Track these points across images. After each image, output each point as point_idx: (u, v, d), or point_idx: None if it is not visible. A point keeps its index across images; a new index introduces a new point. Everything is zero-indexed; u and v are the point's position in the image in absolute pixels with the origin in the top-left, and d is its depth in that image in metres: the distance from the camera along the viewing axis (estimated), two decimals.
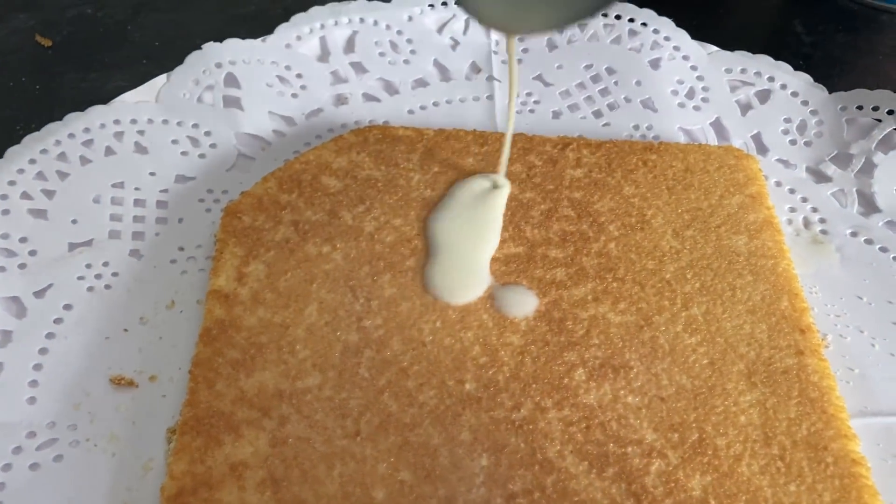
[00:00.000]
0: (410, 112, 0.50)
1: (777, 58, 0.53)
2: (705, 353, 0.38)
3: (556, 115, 0.51)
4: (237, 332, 0.38)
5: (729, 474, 0.34)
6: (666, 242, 0.42)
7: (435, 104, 0.51)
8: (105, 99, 0.48)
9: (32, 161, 0.44)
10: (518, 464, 0.34)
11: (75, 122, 0.46)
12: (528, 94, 0.51)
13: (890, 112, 0.49)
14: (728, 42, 0.54)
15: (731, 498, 0.33)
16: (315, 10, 0.53)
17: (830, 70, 0.57)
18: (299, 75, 0.51)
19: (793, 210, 0.46)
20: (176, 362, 0.38)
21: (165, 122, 0.47)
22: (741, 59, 0.53)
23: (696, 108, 0.51)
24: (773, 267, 0.41)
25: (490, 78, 0.52)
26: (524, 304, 0.39)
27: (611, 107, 0.51)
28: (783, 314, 0.39)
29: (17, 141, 0.45)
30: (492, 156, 0.46)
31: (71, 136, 0.45)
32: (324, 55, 0.52)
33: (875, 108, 0.49)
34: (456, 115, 0.50)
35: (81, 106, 0.47)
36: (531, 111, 0.51)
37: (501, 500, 0.33)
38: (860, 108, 0.50)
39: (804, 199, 0.47)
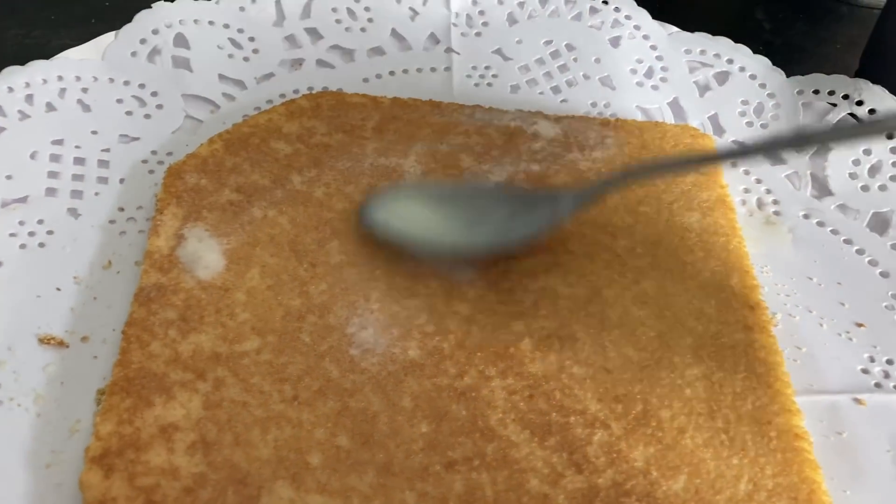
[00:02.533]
0: (366, 80, 0.49)
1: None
2: (653, 327, 0.37)
3: (515, 89, 0.50)
4: (174, 293, 0.36)
5: (672, 446, 0.33)
6: (619, 218, 0.42)
7: (391, 73, 0.50)
8: (49, 56, 0.46)
9: None
10: (459, 431, 0.33)
11: (14, 75, 0.44)
12: (487, 68, 0.51)
13: (845, 97, 0.49)
14: (688, 27, 0.54)
15: (674, 469, 0.33)
16: None
17: (789, 57, 0.57)
18: (252, 38, 0.49)
19: (747, 191, 0.46)
20: (110, 323, 0.37)
21: (111, 80, 0.46)
22: (701, 41, 0.53)
23: (655, 87, 0.51)
24: (725, 244, 0.41)
25: (448, 50, 0.51)
26: None
27: (569, 83, 0.50)
28: (733, 290, 0.39)
29: None
30: (447, 126, 0.45)
31: (10, 89, 0.43)
32: (279, 20, 0.51)
33: (831, 93, 0.49)
34: (413, 85, 0.49)
35: (23, 62, 0.45)
36: (489, 84, 0.50)
37: (440, 468, 0.32)
38: (816, 91, 0.50)
39: (758, 181, 0.47)
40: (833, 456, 0.35)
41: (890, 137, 0.46)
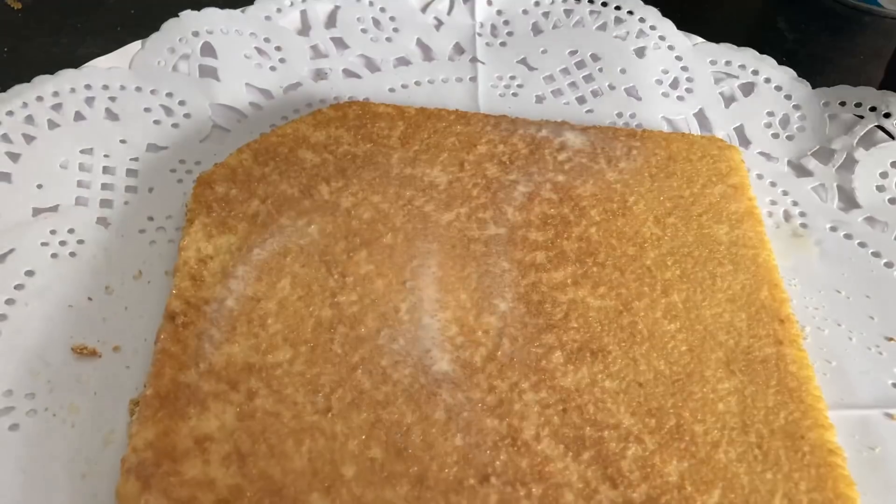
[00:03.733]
0: (391, 90, 0.49)
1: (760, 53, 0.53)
2: (684, 340, 0.37)
3: (540, 99, 0.50)
4: (206, 304, 0.36)
5: (706, 461, 0.33)
6: (647, 229, 0.42)
7: (417, 83, 0.50)
8: (76, 64, 0.46)
9: None
10: (493, 445, 0.33)
11: (44, 84, 0.44)
12: (512, 78, 0.51)
13: (872, 109, 0.49)
14: (711, 36, 0.54)
15: (708, 484, 0.33)
16: None
17: (812, 68, 0.57)
18: (278, 48, 0.49)
19: (773, 203, 0.46)
20: (141, 333, 0.37)
21: (138, 89, 0.46)
22: (726, 52, 0.53)
23: (680, 98, 0.51)
24: (754, 257, 0.41)
25: (473, 59, 0.51)
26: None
27: (594, 93, 0.51)
28: (763, 304, 0.39)
29: None
30: (473, 136, 0.45)
31: (39, 98, 0.44)
32: (304, 29, 0.51)
33: (857, 105, 0.49)
34: (438, 95, 0.49)
35: (51, 70, 0.46)
36: (514, 95, 0.50)
37: (475, 481, 0.32)
38: (843, 104, 0.50)
39: (785, 193, 0.47)
40: (866, 471, 0.35)
41: None
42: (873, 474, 0.35)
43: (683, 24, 0.54)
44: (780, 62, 0.52)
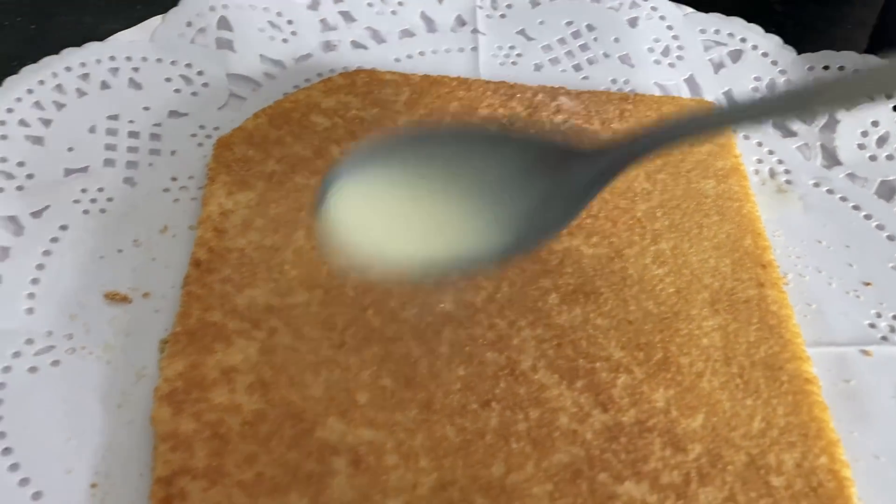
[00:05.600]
0: (397, 60, 0.52)
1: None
2: (672, 283, 0.40)
3: (538, 67, 0.53)
4: (228, 252, 0.39)
5: (690, 389, 0.36)
6: (638, 184, 0.45)
7: (421, 54, 0.52)
8: (99, 39, 0.49)
9: (30, 91, 0.45)
10: (493, 375, 0.36)
11: (72, 56, 0.47)
12: (511, 48, 0.53)
13: (855, 72, 0.51)
14: (702, 8, 0.56)
15: (692, 409, 0.36)
16: None
17: (800, 37, 0.59)
18: (290, 21, 0.52)
19: (759, 161, 0.49)
20: (169, 281, 0.40)
21: (159, 60, 0.49)
22: (715, 21, 0.55)
23: (671, 65, 0.53)
24: (739, 209, 0.44)
25: (475, 31, 0.54)
26: None
27: (590, 61, 0.53)
28: (746, 250, 0.42)
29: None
30: (475, 101, 0.48)
31: (68, 69, 0.47)
32: (314, 3, 0.54)
33: (841, 68, 0.52)
34: (440, 64, 0.52)
35: (77, 44, 0.48)
36: (513, 63, 0.53)
37: (477, 406, 0.35)
38: (826, 67, 0.52)
39: (770, 152, 0.49)
40: (841, 400, 0.38)
41: (889, 97, 0.46)
42: (847, 403, 0.38)
43: None
44: (768, 31, 0.55)
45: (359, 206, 0.29)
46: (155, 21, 0.50)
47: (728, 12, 0.56)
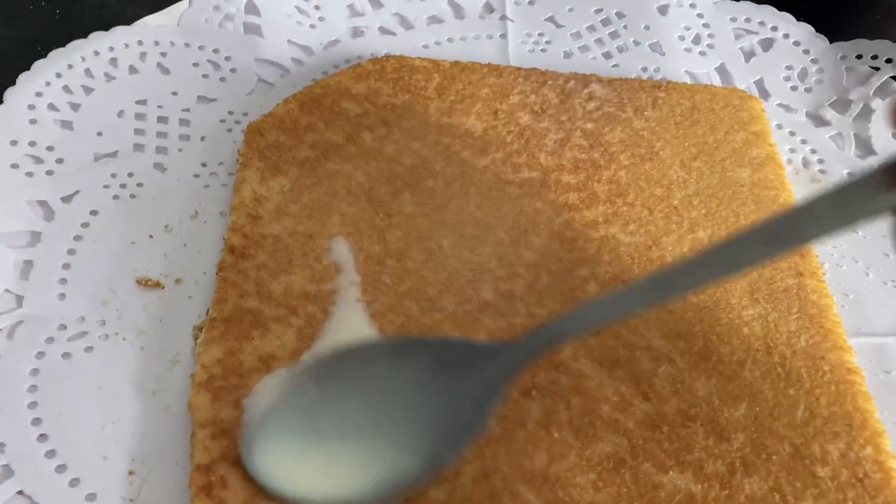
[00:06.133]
0: (425, 47, 0.51)
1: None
2: None
3: (567, 55, 0.52)
4: (263, 239, 0.39)
5: (732, 378, 0.36)
6: (674, 172, 0.44)
7: (449, 40, 0.52)
8: (123, 24, 0.48)
9: (59, 75, 0.45)
10: (533, 364, 0.35)
11: (100, 40, 0.47)
12: (540, 35, 0.53)
13: (888, 61, 0.51)
14: None
15: (735, 399, 0.35)
16: None
17: (830, 26, 0.59)
18: (317, 7, 0.52)
19: (793, 151, 0.48)
20: (201, 267, 0.39)
21: (187, 45, 0.48)
22: (746, 9, 0.55)
23: (702, 53, 0.53)
24: (775, 197, 0.43)
25: (503, 17, 0.53)
26: None
27: (620, 49, 0.53)
28: None
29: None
30: (506, 87, 0.47)
31: (96, 53, 0.46)
32: None
33: (874, 57, 0.51)
34: (469, 51, 0.51)
35: (102, 29, 0.48)
36: (543, 50, 0.52)
37: (518, 394, 0.34)
38: (859, 56, 0.52)
39: (804, 141, 0.49)
40: (883, 391, 0.38)
41: None
42: (889, 393, 0.38)
43: None
44: (798, 20, 0.54)
45: (280, 455, 0.31)
46: (182, 5, 0.50)
47: (758, 1, 0.55)
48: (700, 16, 0.54)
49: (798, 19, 0.55)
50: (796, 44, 0.53)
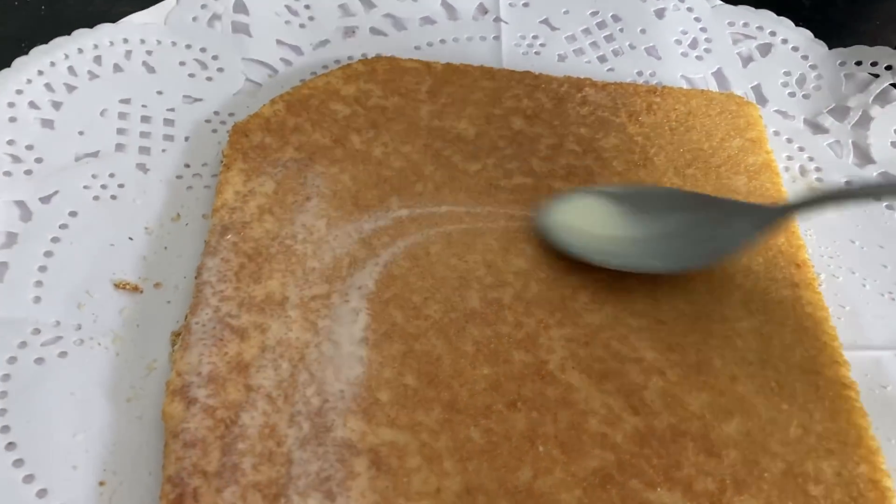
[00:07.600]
0: (417, 48, 0.50)
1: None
2: (704, 282, 0.39)
3: (562, 58, 0.51)
4: (244, 243, 0.38)
5: (725, 392, 0.35)
6: (668, 179, 0.43)
7: (442, 41, 0.51)
8: (110, 22, 0.48)
9: (40, 72, 0.44)
10: (519, 375, 0.34)
11: (84, 37, 0.46)
12: (535, 37, 0.52)
13: (888, 68, 0.50)
14: (729, 0, 0.55)
15: (727, 414, 0.34)
16: None
17: (829, 32, 0.58)
18: (307, 6, 0.51)
19: (790, 158, 0.47)
20: (181, 271, 0.38)
21: (174, 43, 0.47)
22: (744, 13, 0.54)
23: (699, 57, 0.52)
24: None
25: (497, 19, 0.52)
26: None
27: (615, 53, 0.52)
28: (779, 249, 0.40)
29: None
30: (499, 91, 0.46)
31: (79, 50, 0.45)
32: None
33: (873, 64, 0.50)
34: (462, 53, 0.50)
35: (87, 26, 0.47)
36: (537, 53, 0.51)
37: (503, 406, 0.33)
38: (858, 63, 0.51)
39: (801, 149, 0.48)
40: (878, 407, 0.37)
41: None
42: (885, 409, 0.37)
43: None
44: (797, 25, 0.53)
45: (573, 216, 0.40)
46: (169, 4, 0.49)
47: (757, 6, 0.54)
48: (697, 20, 0.53)
49: (797, 24, 0.54)
50: (795, 49, 0.52)
